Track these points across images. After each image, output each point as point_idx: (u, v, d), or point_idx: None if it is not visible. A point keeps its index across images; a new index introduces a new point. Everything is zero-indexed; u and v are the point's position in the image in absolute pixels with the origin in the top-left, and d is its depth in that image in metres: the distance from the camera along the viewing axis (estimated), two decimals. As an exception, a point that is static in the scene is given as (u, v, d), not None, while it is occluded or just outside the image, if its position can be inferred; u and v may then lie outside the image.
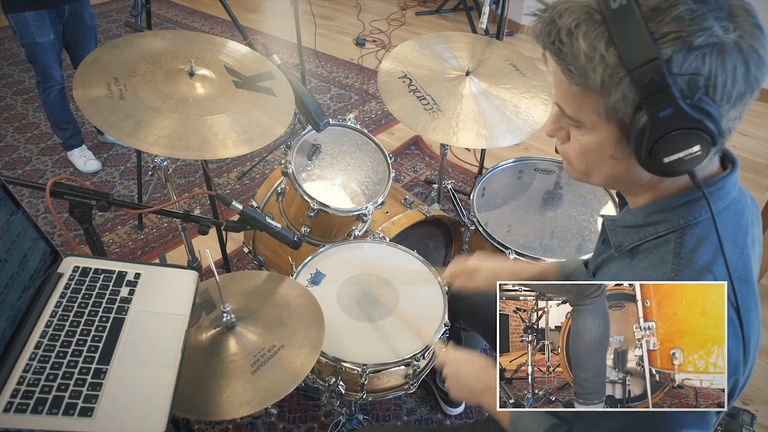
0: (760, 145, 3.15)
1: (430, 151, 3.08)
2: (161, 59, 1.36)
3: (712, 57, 0.61)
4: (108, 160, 2.96)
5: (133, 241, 2.46)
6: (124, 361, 0.86)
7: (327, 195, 1.76)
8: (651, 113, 0.63)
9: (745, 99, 0.64)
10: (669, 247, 0.73)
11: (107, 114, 1.18)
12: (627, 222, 0.79)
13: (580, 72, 0.66)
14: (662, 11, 0.61)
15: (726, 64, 0.61)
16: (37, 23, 2.36)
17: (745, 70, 0.62)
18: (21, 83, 3.66)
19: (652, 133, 0.64)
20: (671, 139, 0.64)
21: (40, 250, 0.94)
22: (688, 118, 0.62)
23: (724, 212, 0.73)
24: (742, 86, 0.63)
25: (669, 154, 0.65)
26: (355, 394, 1.33)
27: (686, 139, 0.64)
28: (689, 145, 0.64)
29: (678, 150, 0.65)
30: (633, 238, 0.78)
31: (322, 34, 4.06)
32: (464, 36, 1.99)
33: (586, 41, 0.64)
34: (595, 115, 0.69)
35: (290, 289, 1.23)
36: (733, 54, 0.61)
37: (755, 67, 0.62)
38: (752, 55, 0.62)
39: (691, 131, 0.63)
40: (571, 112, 0.72)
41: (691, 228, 0.72)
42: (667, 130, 0.63)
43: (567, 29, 0.65)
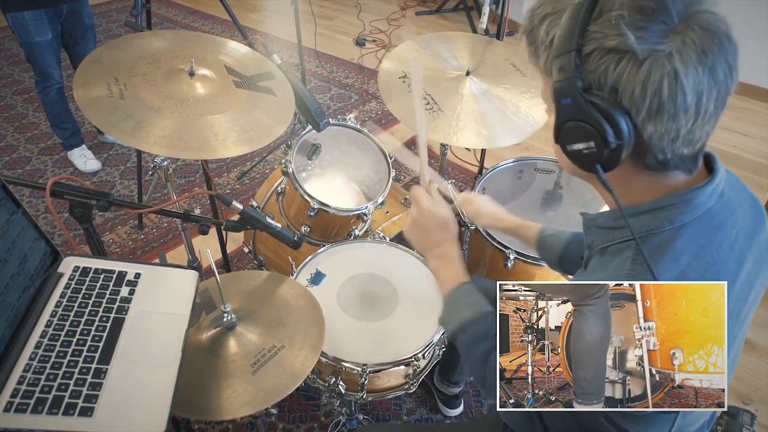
0: (760, 145, 3.16)
1: (431, 151, 3.08)
2: (161, 59, 1.36)
3: (625, 64, 0.62)
4: (108, 160, 2.96)
5: (133, 241, 2.46)
6: (124, 361, 0.86)
7: (327, 195, 1.76)
8: (558, 99, 0.68)
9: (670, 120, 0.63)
10: (629, 253, 0.73)
11: (107, 114, 1.18)
12: (600, 223, 0.81)
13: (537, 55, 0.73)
14: (604, 13, 0.64)
15: (638, 74, 0.62)
16: (35, 22, 2.36)
17: (662, 90, 0.62)
18: (21, 83, 3.66)
19: (557, 119, 0.70)
20: (568, 128, 0.68)
21: (40, 250, 0.94)
22: (581, 111, 0.66)
23: (694, 224, 0.71)
24: (659, 104, 0.62)
25: (570, 142, 0.70)
26: (355, 394, 1.33)
27: (580, 132, 0.67)
28: (583, 139, 0.67)
29: (576, 140, 0.69)
30: (603, 240, 0.79)
31: (322, 34, 4.06)
32: (464, 36, 1.99)
33: (547, 28, 0.70)
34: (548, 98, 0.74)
35: (290, 289, 1.23)
36: (650, 68, 0.61)
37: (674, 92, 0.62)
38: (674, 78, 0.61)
39: (580, 125, 0.66)
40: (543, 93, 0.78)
41: (651, 237, 0.72)
42: (563, 119, 0.68)
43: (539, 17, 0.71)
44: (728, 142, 3.16)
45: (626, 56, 0.62)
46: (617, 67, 0.62)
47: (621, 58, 0.62)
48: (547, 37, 0.69)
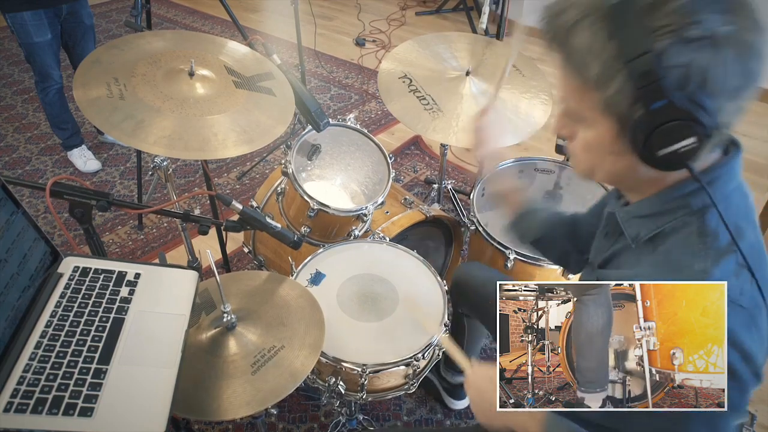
0: (760, 145, 3.16)
1: (430, 151, 3.08)
2: (161, 59, 1.36)
3: (706, 49, 0.61)
4: (108, 160, 2.96)
5: (133, 241, 2.46)
6: (124, 361, 0.86)
7: (327, 195, 1.76)
8: (645, 105, 0.64)
9: (741, 93, 0.65)
10: (691, 228, 0.73)
11: (107, 114, 1.18)
12: (643, 212, 0.79)
13: (580, 65, 0.68)
14: (659, 5, 0.62)
15: (720, 56, 0.61)
16: (34, 23, 2.35)
17: (741, 64, 0.62)
18: (21, 83, 3.66)
19: (646, 125, 0.65)
20: (665, 131, 0.65)
21: (40, 250, 0.94)
22: (680, 110, 0.63)
23: (734, 193, 0.74)
24: (738, 79, 0.63)
25: (664, 146, 0.66)
26: (355, 394, 1.33)
27: (680, 131, 0.64)
28: (683, 137, 0.65)
29: (672, 142, 0.65)
30: (650, 228, 0.78)
31: (322, 34, 4.06)
32: (464, 36, 1.99)
33: (587, 35, 0.65)
34: (595, 110, 0.70)
35: (290, 289, 1.23)
36: (727, 47, 0.61)
37: (751, 61, 0.63)
38: (748, 49, 0.62)
39: (684, 123, 0.64)
40: (575, 105, 0.74)
41: (710, 208, 0.72)
42: (660, 122, 0.64)
43: (570, 23, 0.67)
44: (729, 140, 3.16)
45: (706, 42, 0.61)
46: (701, 55, 0.61)
47: (703, 46, 0.61)
48: (593, 42, 0.65)
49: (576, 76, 0.70)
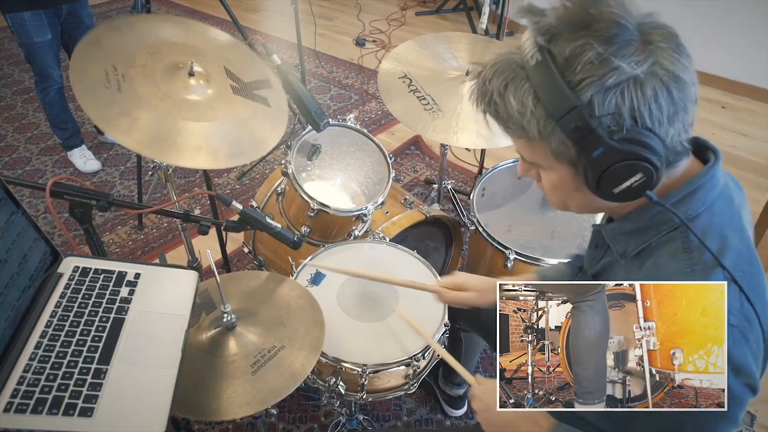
0: (760, 145, 3.15)
1: (430, 151, 3.08)
2: (162, 51, 1.31)
3: (629, 92, 0.63)
4: (108, 160, 2.96)
5: (133, 241, 2.46)
6: (124, 361, 0.86)
7: (327, 195, 1.76)
8: (586, 155, 0.67)
9: (678, 116, 0.66)
10: (676, 243, 0.73)
11: (104, 108, 1.14)
12: (626, 228, 0.80)
13: (518, 127, 0.71)
14: (574, 59, 0.64)
15: (645, 94, 0.64)
16: (34, 23, 2.35)
17: (668, 93, 0.64)
18: (21, 83, 3.66)
19: (593, 171, 0.68)
20: (612, 173, 0.68)
21: (40, 250, 0.94)
22: (620, 151, 0.66)
23: (717, 200, 0.74)
24: (670, 107, 0.65)
25: (616, 185, 0.69)
26: (355, 395, 1.33)
27: (626, 171, 0.67)
28: (631, 175, 0.68)
29: (622, 180, 0.68)
30: (636, 242, 0.78)
31: (322, 34, 4.06)
32: (464, 36, 1.99)
33: (516, 100, 0.69)
34: (548, 158, 0.73)
35: (290, 289, 1.23)
36: (649, 83, 0.63)
37: (676, 90, 0.65)
38: (670, 77, 0.64)
39: (628, 162, 0.66)
40: (529, 158, 0.78)
41: (692, 221, 0.72)
42: (604, 167, 0.67)
43: (498, 92, 0.70)
44: (728, 142, 3.15)
45: (627, 84, 0.63)
46: (625, 97, 0.63)
47: (625, 89, 0.63)
48: (524, 107, 0.68)
49: (517, 136, 0.74)
